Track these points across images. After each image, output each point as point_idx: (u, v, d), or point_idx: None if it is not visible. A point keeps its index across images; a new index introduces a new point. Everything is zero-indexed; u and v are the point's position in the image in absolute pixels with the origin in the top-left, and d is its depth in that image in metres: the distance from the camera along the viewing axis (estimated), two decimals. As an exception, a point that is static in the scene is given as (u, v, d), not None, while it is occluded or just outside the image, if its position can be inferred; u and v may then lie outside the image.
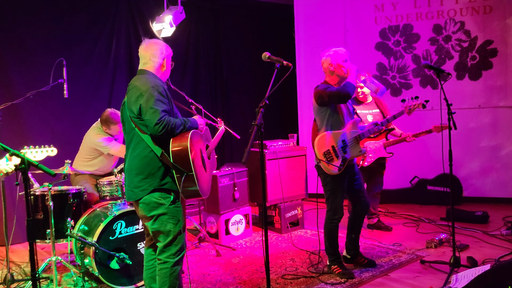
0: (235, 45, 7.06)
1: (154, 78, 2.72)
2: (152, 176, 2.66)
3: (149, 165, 2.66)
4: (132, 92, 2.66)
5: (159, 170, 2.66)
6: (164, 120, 2.53)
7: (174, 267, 2.72)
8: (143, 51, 2.81)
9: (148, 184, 2.66)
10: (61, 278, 3.78)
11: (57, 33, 5.20)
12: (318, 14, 6.55)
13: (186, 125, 2.68)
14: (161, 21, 5.60)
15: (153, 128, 2.54)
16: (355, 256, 3.82)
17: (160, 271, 2.73)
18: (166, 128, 2.54)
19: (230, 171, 4.71)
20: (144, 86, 2.62)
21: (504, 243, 4.19)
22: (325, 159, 3.50)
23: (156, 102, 2.56)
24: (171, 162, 2.61)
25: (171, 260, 2.70)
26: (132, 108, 2.65)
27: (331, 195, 3.61)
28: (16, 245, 4.80)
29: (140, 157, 2.68)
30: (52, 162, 4.45)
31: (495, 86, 5.82)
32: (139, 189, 2.68)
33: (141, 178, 2.67)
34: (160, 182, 2.66)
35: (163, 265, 2.71)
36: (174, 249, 2.71)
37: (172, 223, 2.69)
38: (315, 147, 3.57)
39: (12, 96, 4.64)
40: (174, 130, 2.59)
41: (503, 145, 5.83)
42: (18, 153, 2.17)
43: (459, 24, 5.95)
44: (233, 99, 7.08)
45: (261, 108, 2.43)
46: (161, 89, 2.65)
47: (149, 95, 2.57)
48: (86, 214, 3.70)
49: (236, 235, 4.70)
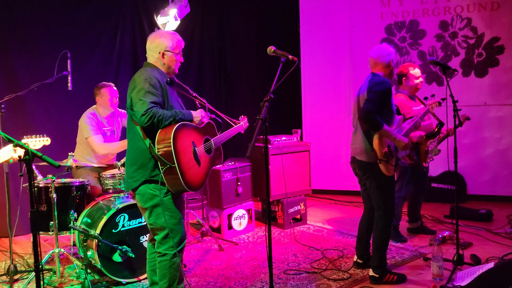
0: (239, 39, 7.03)
1: (152, 71, 2.72)
2: (143, 167, 2.67)
3: (142, 155, 2.68)
4: (130, 84, 2.70)
5: (150, 161, 2.67)
6: (151, 112, 2.53)
7: (174, 259, 2.71)
8: (148, 44, 2.83)
9: (140, 175, 2.68)
10: (63, 270, 3.79)
11: (62, 25, 5.19)
12: (323, 9, 6.51)
13: (176, 117, 2.65)
14: (166, 14, 5.58)
15: (139, 118, 2.55)
16: (368, 260, 3.63)
17: (159, 264, 2.73)
18: (153, 120, 2.53)
19: (234, 166, 4.70)
20: (139, 78, 2.65)
21: (508, 241, 4.18)
22: (385, 159, 3.26)
23: (146, 94, 2.57)
24: (156, 153, 2.61)
25: (170, 252, 2.70)
26: (128, 100, 2.70)
27: (389, 198, 3.36)
28: (19, 236, 4.81)
29: (134, 148, 2.73)
30: (56, 154, 4.46)
31: (501, 83, 5.78)
32: (132, 179, 2.71)
33: (134, 169, 2.70)
34: (150, 173, 2.66)
35: (163, 257, 2.72)
36: (172, 242, 2.70)
37: (167, 215, 2.68)
38: (375, 146, 3.24)
39: (16, 88, 4.64)
40: (161, 122, 2.57)
41: (509, 143, 5.79)
42: (22, 144, 2.17)
43: (466, 21, 5.90)
44: (238, 93, 7.07)
45: (265, 102, 2.41)
46: (154, 81, 2.64)
47: (140, 87, 2.60)
48: (89, 207, 3.70)
49: (239, 230, 4.70)
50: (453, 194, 3.77)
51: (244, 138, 4.54)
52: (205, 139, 2.91)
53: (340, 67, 6.41)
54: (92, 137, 4.12)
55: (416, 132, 4.04)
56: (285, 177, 4.82)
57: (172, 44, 2.81)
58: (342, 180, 6.40)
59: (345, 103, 6.40)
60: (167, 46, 2.79)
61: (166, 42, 2.79)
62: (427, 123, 4.23)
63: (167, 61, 2.81)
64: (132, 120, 2.72)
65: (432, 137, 4.17)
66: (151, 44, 2.81)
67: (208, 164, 2.88)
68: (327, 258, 3.92)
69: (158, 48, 2.78)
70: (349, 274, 3.52)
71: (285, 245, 4.32)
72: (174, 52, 2.82)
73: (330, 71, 5.85)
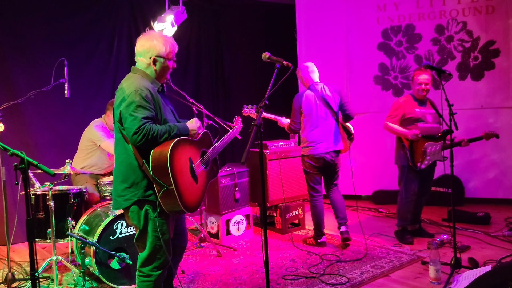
0: (236, 45, 7.06)
1: (142, 79, 2.47)
2: (136, 185, 2.44)
3: (133, 173, 2.44)
4: (118, 93, 2.44)
5: (143, 179, 2.43)
6: (144, 129, 2.29)
7: (158, 281, 2.55)
8: (137, 48, 2.55)
9: (132, 193, 2.44)
10: (61, 277, 3.78)
11: (58, 33, 5.21)
12: (320, 14, 6.54)
13: (172, 133, 2.42)
14: (163, 21, 5.59)
15: (131, 137, 2.32)
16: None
17: (141, 283, 2.54)
18: (146, 137, 2.30)
19: (231, 171, 4.70)
20: (128, 88, 2.38)
21: (506, 244, 4.18)
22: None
23: (137, 109, 2.32)
24: (151, 175, 2.38)
25: (155, 274, 2.52)
26: (116, 112, 2.45)
27: None
28: (17, 244, 4.81)
29: (125, 164, 2.47)
30: (53, 161, 4.48)
31: (497, 86, 5.80)
32: (122, 198, 2.47)
33: (125, 187, 2.46)
34: (143, 193, 2.44)
35: (146, 278, 2.53)
36: (158, 262, 2.52)
37: (155, 235, 2.46)
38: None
39: (13, 95, 4.66)
40: (156, 139, 2.35)
41: (506, 146, 5.80)
42: (18, 152, 2.17)
43: (461, 24, 5.93)
44: (235, 99, 7.08)
45: (260, 108, 2.43)
46: (146, 93, 2.37)
47: (130, 100, 2.34)
48: (86, 214, 3.70)
49: (237, 235, 4.70)
50: (450, 197, 3.78)
51: (242, 143, 4.56)
52: (201, 152, 2.70)
53: (337, 71, 6.43)
54: (106, 141, 4.16)
55: (411, 130, 4.17)
56: (282, 182, 4.83)
57: (165, 49, 2.52)
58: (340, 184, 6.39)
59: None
60: (159, 51, 2.50)
61: (158, 46, 2.50)
62: (429, 125, 4.27)
63: (158, 68, 2.53)
64: (120, 133, 2.47)
65: (431, 139, 4.20)
66: (142, 47, 2.52)
67: (205, 179, 2.70)
68: (325, 262, 3.92)
69: (149, 53, 2.50)
70: (347, 279, 3.52)
71: (283, 250, 4.32)
72: (166, 58, 2.54)
73: (327, 75, 5.81)
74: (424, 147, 4.17)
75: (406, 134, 4.21)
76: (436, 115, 4.33)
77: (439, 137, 4.21)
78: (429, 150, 4.18)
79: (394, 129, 4.32)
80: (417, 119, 4.26)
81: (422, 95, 4.29)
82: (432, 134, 4.21)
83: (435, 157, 4.22)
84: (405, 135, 4.22)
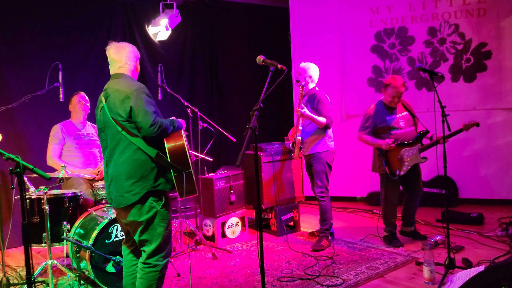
0: (231, 48, 7.08)
1: (133, 81, 2.76)
2: (144, 178, 2.62)
3: (141, 167, 2.62)
4: (114, 95, 2.63)
5: (152, 171, 2.64)
6: (158, 121, 2.57)
7: (164, 270, 2.73)
8: (115, 55, 2.79)
9: (141, 187, 2.61)
10: (57, 281, 3.77)
11: (53, 37, 5.20)
12: (313, 17, 6.58)
13: (174, 125, 2.71)
14: (157, 24, 5.61)
15: (148, 129, 2.54)
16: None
17: (147, 274, 2.68)
18: (161, 129, 2.57)
19: (226, 174, 4.71)
20: (129, 88, 2.62)
21: (499, 244, 4.22)
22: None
23: (147, 104, 2.58)
24: (169, 162, 2.61)
25: (161, 263, 2.70)
26: (118, 111, 2.60)
27: None
28: (12, 249, 4.78)
29: (130, 161, 2.63)
30: (48, 165, 4.46)
31: (489, 88, 5.86)
32: (131, 193, 2.62)
33: (132, 182, 2.62)
34: (153, 184, 2.64)
35: (152, 268, 2.68)
36: (164, 252, 2.72)
37: (162, 226, 2.69)
38: None
39: (7, 100, 4.64)
40: (166, 131, 2.63)
41: (498, 147, 5.86)
42: (13, 157, 2.18)
43: (453, 27, 5.99)
44: (230, 102, 7.10)
45: (255, 111, 2.44)
46: (147, 91, 2.67)
47: (137, 97, 2.59)
48: (82, 218, 3.70)
49: (232, 238, 4.70)
50: (444, 198, 3.81)
51: (237, 146, 4.57)
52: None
53: (331, 73, 6.46)
54: (49, 144, 4.31)
55: (385, 140, 4.19)
56: (277, 185, 4.84)
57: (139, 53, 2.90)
58: (335, 187, 6.43)
59: (336, 110, 6.44)
60: (137, 53, 2.86)
61: (134, 49, 2.85)
62: (403, 131, 4.29)
63: (139, 70, 2.89)
64: (123, 132, 2.61)
65: (406, 145, 4.22)
66: (128, 53, 2.80)
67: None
68: (321, 264, 3.94)
69: (136, 57, 2.84)
70: (342, 280, 3.54)
71: (279, 252, 4.34)
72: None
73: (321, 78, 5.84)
74: (400, 155, 4.21)
75: (380, 145, 4.22)
76: (410, 118, 4.36)
77: (412, 142, 4.25)
78: (406, 156, 4.21)
79: (368, 140, 4.35)
80: (390, 127, 4.29)
81: (394, 104, 4.33)
82: (407, 139, 4.26)
83: (414, 161, 4.24)
84: (379, 146, 4.24)
